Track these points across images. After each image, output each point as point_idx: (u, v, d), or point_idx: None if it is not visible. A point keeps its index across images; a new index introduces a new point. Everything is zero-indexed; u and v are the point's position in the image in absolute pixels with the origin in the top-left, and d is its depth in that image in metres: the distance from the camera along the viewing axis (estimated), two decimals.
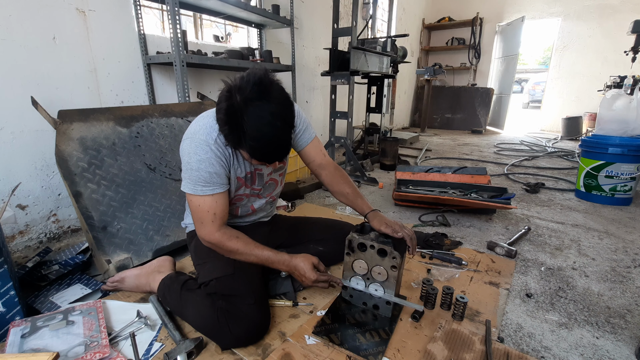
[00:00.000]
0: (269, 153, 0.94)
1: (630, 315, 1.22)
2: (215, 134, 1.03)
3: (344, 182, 1.30)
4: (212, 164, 1.03)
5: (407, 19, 6.42)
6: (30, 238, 1.77)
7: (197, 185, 1.04)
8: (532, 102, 12.31)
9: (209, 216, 1.06)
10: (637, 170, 2.28)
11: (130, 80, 2.09)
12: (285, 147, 0.96)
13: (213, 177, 1.04)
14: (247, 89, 0.87)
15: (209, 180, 1.04)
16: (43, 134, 1.73)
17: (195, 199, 1.06)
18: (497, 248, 1.67)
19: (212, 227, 1.07)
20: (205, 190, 1.04)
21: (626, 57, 3.79)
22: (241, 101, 0.87)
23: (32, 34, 1.65)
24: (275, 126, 0.89)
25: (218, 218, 1.08)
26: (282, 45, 3.33)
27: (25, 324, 1.06)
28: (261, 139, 0.89)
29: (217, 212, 1.07)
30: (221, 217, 1.09)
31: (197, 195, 1.05)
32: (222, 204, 1.08)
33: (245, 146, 0.91)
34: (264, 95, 0.88)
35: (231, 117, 0.88)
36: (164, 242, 1.57)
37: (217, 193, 1.06)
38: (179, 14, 1.92)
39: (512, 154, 4.25)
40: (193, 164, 1.03)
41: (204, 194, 1.04)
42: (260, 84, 0.88)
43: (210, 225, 1.07)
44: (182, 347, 0.97)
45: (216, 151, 1.03)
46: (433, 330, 1.11)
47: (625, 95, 2.34)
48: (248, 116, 0.87)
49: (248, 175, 1.18)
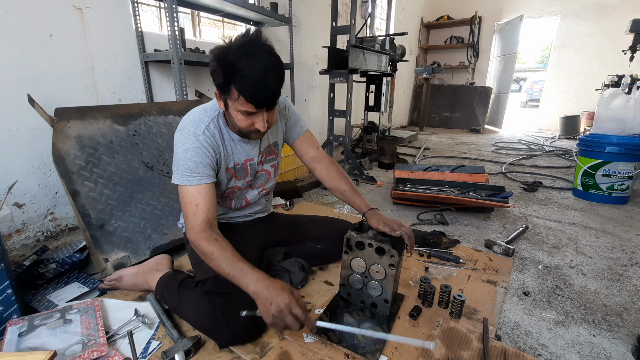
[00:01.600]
0: (259, 90, 0.93)
1: (626, 313, 1.23)
2: (203, 126, 1.06)
3: (341, 178, 1.29)
4: (198, 154, 1.04)
5: (406, 18, 6.42)
6: (27, 236, 1.76)
7: (183, 175, 1.04)
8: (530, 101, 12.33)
9: (192, 208, 1.02)
10: (634, 169, 2.29)
11: (128, 78, 2.08)
12: (275, 92, 0.96)
13: (198, 166, 1.04)
14: (240, 40, 0.93)
15: (194, 169, 1.04)
16: (40, 132, 1.72)
17: (181, 189, 1.06)
18: (494, 246, 1.67)
19: (195, 221, 1.01)
20: (191, 180, 1.04)
21: (624, 56, 3.80)
22: (235, 45, 0.92)
23: (29, 31, 1.64)
24: (266, 69, 0.91)
25: (201, 211, 1.02)
26: (281, 44, 3.32)
27: (23, 322, 1.05)
28: (254, 76, 0.90)
29: (200, 204, 1.03)
30: (204, 210, 1.02)
31: (183, 186, 1.05)
32: (205, 196, 1.04)
33: (237, 82, 0.91)
34: (257, 44, 0.93)
35: (225, 55, 0.91)
36: (162, 240, 1.57)
37: (201, 184, 1.04)
38: (176, 12, 1.91)
39: (510, 153, 4.26)
40: (180, 153, 1.04)
41: (190, 183, 1.04)
42: (253, 38, 0.94)
43: (193, 219, 1.02)
44: (180, 346, 0.97)
45: (203, 142, 1.05)
46: (431, 328, 1.11)
47: (623, 94, 2.35)
48: (242, 55, 0.90)
49: (238, 166, 1.17)
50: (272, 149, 1.28)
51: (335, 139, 3.10)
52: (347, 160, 3.12)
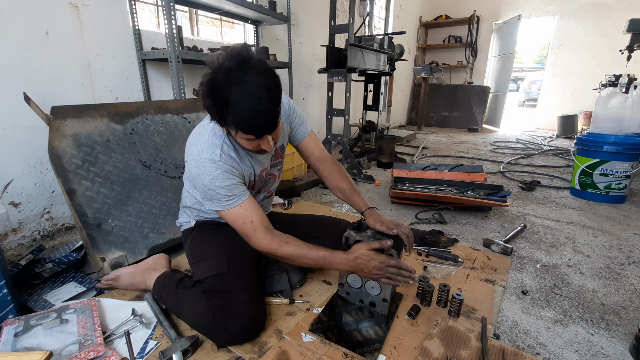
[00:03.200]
0: (256, 122, 0.90)
1: (624, 312, 1.24)
2: (218, 150, 1.02)
3: (342, 178, 1.30)
4: (226, 178, 1.01)
5: (404, 17, 6.41)
6: (23, 236, 1.75)
7: (221, 202, 1.03)
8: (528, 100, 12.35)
9: (248, 226, 1.04)
10: (632, 168, 2.30)
11: (125, 77, 2.07)
12: (273, 116, 0.92)
13: (232, 189, 1.02)
14: (226, 63, 0.85)
15: (230, 193, 1.02)
16: (36, 131, 1.71)
17: (226, 214, 1.05)
18: (493, 245, 1.68)
19: (258, 236, 1.04)
20: (231, 204, 1.03)
21: (621, 56, 3.81)
22: (223, 74, 0.85)
23: (25, 29, 1.62)
24: (259, 95, 0.86)
25: (258, 224, 1.05)
26: (279, 42, 3.31)
27: (19, 322, 1.05)
28: (247, 107, 0.86)
29: (254, 219, 1.04)
30: (260, 222, 1.05)
31: (226, 211, 1.04)
32: (253, 210, 1.05)
33: (231, 118, 0.87)
34: (245, 67, 0.86)
35: (214, 90, 0.86)
36: (160, 239, 1.56)
37: (243, 202, 1.04)
38: (174, 10, 1.89)
39: (508, 152, 4.26)
40: (208, 184, 1.01)
41: (233, 207, 1.03)
42: (239, 56, 0.86)
43: (254, 235, 1.05)
44: (177, 345, 0.96)
45: (224, 165, 1.01)
46: (429, 328, 1.11)
47: (621, 93, 2.35)
48: (231, 87, 0.85)
49: (256, 178, 1.17)
50: (278, 153, 1.28)
51: (333, 138, 3.09)
52: (346, 159, 3.12)
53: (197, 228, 1.27)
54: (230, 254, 1.14)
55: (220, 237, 1.21)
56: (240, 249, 1.19)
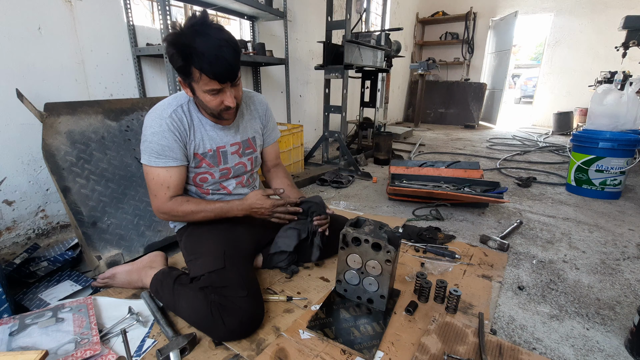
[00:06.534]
0: (219, 64, 0.96)
1: (619, 307, 1.25)
2: (170, 109, 1.10)
3: (285, 177, 1.46)
4: (165, 137, 1.08)
5: (401, 13, 6.40)
6: (18, 234, 1.73)
7: (150, 156, 1.10)
8: (524, 97, 12.40)
9: (163, 189, 1.13)
10: (627, 164, 2.31)
11: (120, 73, 2.05)
12: (234, 64, 0.99)
13: (165, 150, 1.09)
14: (190, 21, 0.96)
15: (161, 152, 1.09)
16: (29, 128, 1.68)
17: (150, 170, 1.12)
18: (489, 241, 1.68)
19: (165, 199, 1.14)
20: (158, 162, 1.10)
21: (617, 53, 3.82)
22: (187, 28, 0.95)
23: (16, 24, 1.59)
24: (221, 44, 0.95)
25: (172, 191, 1.14)
26: (276, 38, 3.29)
27: (14, 321, 1.04)
28: (210, 52, 0.93)
29: (171, 185, 1.13)
30: (175, 191, 1.15)
31: (151, 167, 1.11)
32: (176, 179, 1.14)
33: (196, 61, 0.94)
34: (206, 23, 0.96)
35: (179, 39, 0.95)
36: (156, 237, 1.55)
37: (171, 166, 1.12)
38: (169, 5, 1.87)
39: (504, 149, 4.28)
40: (147, 136, 1.09)
41: (157, 165, 1.10)
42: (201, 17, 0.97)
43: (163, 197, 1.14)
44: (174, 343, 0.96)
45: (170, 125, 1.08)
46: (427, 324, 1.11)
47: (616, 90, 2.37)
48: (195, 37, 0.94)
49: (210, 153, 1.19)
50: (250, 143, 1.31)
51: (330, 135, 3.08)
52: (343, 156, 3.11)
53: (191, 226, 1.27)
54: (226, 250, 1.14)
55: (214, 234, 1.21)
56: (235, 245, 1.19)
